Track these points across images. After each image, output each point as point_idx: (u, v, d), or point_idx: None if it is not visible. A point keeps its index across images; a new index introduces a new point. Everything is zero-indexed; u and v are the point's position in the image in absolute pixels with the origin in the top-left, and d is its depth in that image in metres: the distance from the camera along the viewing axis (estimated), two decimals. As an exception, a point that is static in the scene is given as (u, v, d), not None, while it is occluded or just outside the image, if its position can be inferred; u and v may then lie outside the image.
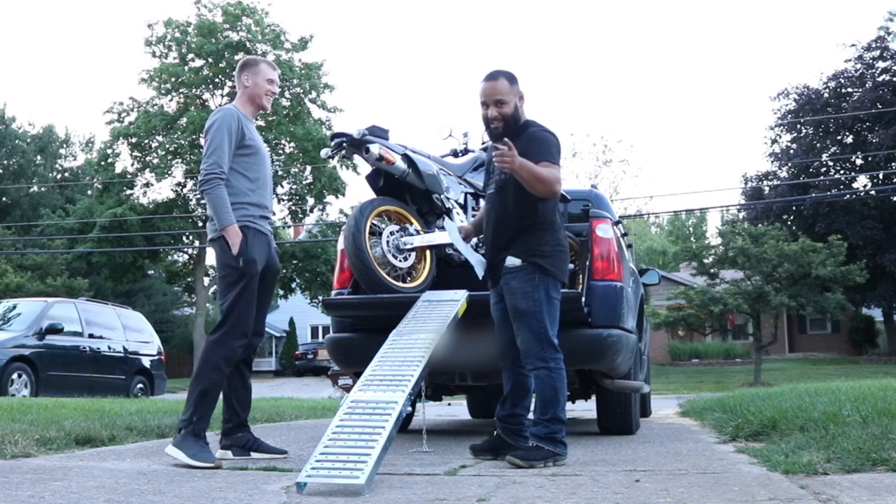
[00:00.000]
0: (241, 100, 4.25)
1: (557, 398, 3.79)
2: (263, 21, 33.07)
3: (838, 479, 3.11)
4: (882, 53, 31.37)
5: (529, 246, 3.84)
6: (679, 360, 33.53)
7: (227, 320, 4.00)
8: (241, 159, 4.07)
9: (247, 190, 4.08)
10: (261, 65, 4.27)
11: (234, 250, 3.95)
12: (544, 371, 3.80)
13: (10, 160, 43.10)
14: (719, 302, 23.79)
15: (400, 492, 3.09)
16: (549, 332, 3.81)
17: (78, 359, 11.64)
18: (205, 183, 3.97)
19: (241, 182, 4.06)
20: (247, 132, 4.11)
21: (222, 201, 3.95)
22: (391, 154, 4.82)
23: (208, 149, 4.00)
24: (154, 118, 31.64)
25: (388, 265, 4.91)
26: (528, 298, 3.82)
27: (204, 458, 3.80)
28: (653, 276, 7.71)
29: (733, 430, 5.23)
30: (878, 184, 31.30)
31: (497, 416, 4.16)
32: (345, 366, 5.65)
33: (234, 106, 4.20)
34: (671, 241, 51.32)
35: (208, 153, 3.99)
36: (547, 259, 3.85)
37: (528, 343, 3.84)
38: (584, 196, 6.17)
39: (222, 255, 4.01)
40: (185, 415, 3.94)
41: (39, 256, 32.89)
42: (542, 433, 3.79)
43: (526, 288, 3.82)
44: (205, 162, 4.00)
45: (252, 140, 4.13)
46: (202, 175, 3.99)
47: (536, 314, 3.81)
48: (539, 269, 3.83)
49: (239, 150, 4.06)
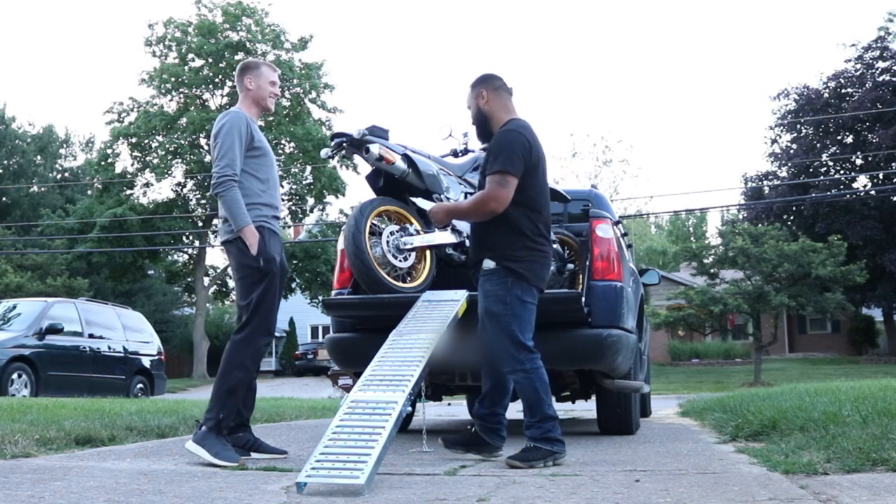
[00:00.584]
0: (244, 103, 4.27)
1: (541, 397, 3.79)
2: (263, 21, 33.08)
3: (838, 479, 3.11)
4: (882, 53, 31.36)
5: (503, 250, 3.84)
6: (679, 360, 33.52)
7: (253, 319, 4.02)
8: (251, 161, 4.11)
9: (258, 191, 4.12)
10: (262, 67, 4.30)
11: (252, 250, 3.98)
12: (521, 374, 3.79)
13: (10, 160, 43.07)
14: (719, 302, 23.79)
15: (400, 492, 3.09)
16: (520, 336, 3.80)
17: (78, 359, 11.63)
18: (219, 185, 3.99)
19: (252, 183, 4.10)
20: (255, 134, 4.15)
21: (237, 203, 3.98)
22: (391, 154, 4.81)
23: (220, 152, 4.02)
24: (154, 118, 31.65)
25: (388, 265, 4.90)
26: (500, 302, 3.82)
27: (228, 457, 3.82)
28: (653, 276, 7.71)
29: (733, 430, 5.23)
30: (878, 184, 31.30)
31: (476, 414, 4.16)
32: (345, 366, 5.65)
33: (240, 109, 4.23)
34: (671, 241, 51.31)
35: (220, 156, 4.01)
36: (521, 264, 3.83)
37: (501, 346, 3.85)
38: (584, 196, 6.17)
39: (241, 256, 4.03)
40: (212, 413, 3.95)
41: (39, 256, 32.87)
42: (537, 434, 3.79)
43: (498, 291, 3.83)
44: (217, 165, 4.02)
45: (260, 142, 4.18)
46: (215, 178, 4.00)
47: (507, 318, 3.81)
48: (512, 273, 3.82)
49: (249, 153, 4.10)
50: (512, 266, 3.82)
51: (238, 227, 3.98)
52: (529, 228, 3.86)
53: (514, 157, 3.77)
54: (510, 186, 3.75)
